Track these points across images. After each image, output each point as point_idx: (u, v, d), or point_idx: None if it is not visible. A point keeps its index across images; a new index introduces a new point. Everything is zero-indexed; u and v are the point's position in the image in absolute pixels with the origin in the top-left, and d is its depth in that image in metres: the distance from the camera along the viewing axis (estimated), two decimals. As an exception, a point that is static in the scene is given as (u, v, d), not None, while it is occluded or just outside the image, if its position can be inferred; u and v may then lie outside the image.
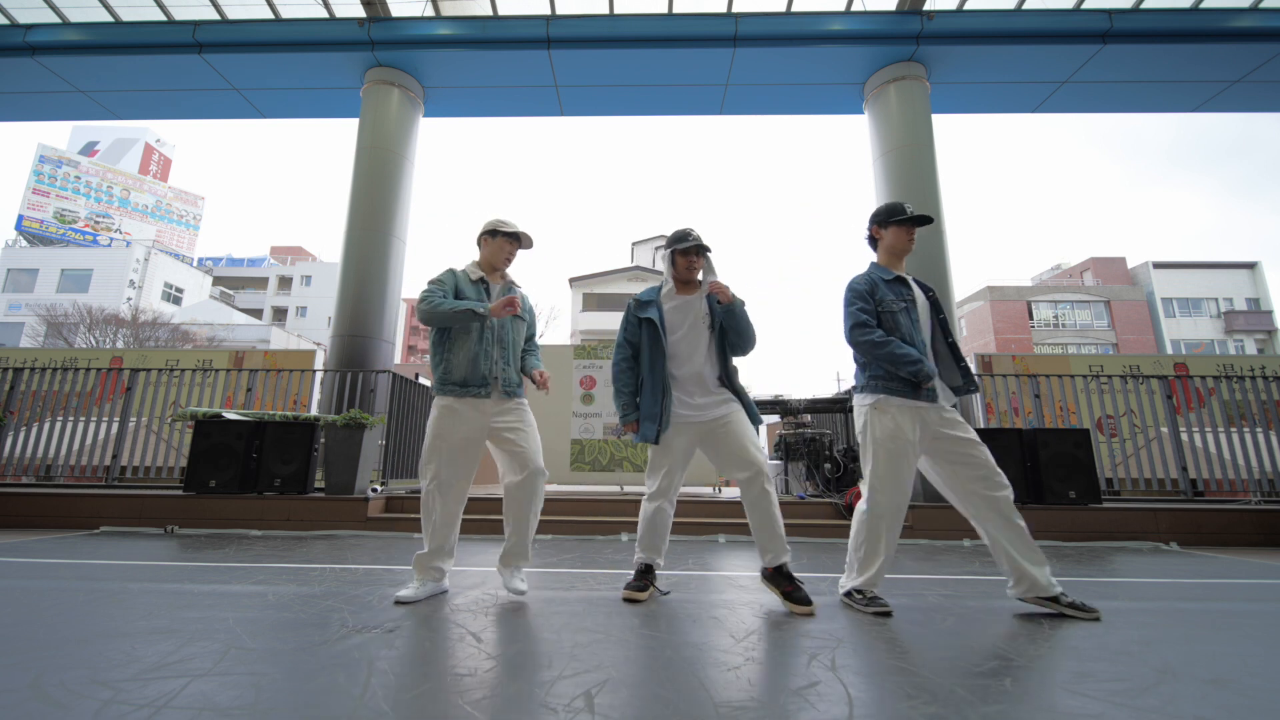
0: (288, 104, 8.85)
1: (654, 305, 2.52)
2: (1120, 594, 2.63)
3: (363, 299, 7.27)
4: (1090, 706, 1.32)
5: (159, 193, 40.78)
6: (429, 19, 7.75)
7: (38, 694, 1.30)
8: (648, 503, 2.47)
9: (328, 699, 1.30)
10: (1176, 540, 4.35)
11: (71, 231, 36.06)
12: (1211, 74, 7.86)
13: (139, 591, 2.38)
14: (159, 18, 7.81)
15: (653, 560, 2.47)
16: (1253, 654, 1.73)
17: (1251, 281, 31.57)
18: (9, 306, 31.50)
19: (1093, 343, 30.56)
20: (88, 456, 5.43)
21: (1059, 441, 4.60)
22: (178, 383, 6.02)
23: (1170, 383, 5.41)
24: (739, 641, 1.81)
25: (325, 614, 2.05)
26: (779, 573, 2.28)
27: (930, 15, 7.34)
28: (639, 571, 2.46)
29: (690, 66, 7.92)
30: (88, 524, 4.57)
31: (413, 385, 5.91)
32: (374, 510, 4.73)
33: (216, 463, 4.72)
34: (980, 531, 2.26)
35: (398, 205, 7.74)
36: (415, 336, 45.92)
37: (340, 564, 3.12)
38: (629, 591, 2.37)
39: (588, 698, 1.33)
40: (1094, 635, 1.91)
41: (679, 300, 2.53)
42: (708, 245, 2.50)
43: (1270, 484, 5.00)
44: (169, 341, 26.52)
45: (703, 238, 2.50)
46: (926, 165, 7.43)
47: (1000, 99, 8.48)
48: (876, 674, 1.53)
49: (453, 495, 2.41)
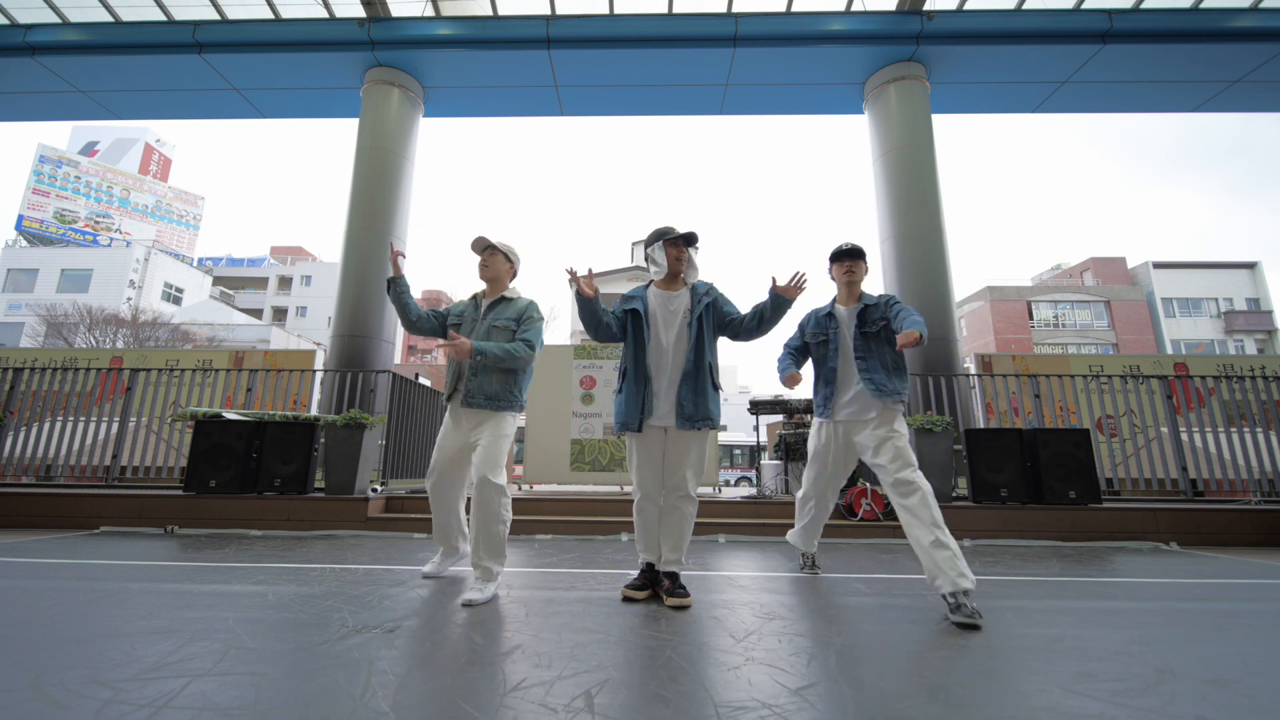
0: (288, 104, 8.86)
1: (639, 299, 2.57)
2: (1120, 594, 2.63)
3: (363, 299, 7.28)
4: (1090, 706, 1.32)
5: (159, 193, 40.77)
6: (429, 19, 7.76)
7: (38, 694, 1.30)
8: (635, 502, 2.54)
9: (328, 699, 1.30)
10: (1176, 540, 4.35)
11: (71, 231, 36.05)
12: (1211, 74, 7.86)
13: (139, 591, 2.38)
14: (159, 18, 7.82)
15: (649, 558, 2.50)
16: (1253, 654, 1.73)
17: (1251, 281, 31.55)
18: (9, 306, 31.49)
19: (1093, 343, 30.55)
20: (88, 456, 5.42)
21: (1059, 441, 4.60)
22: (178, 383, 6.02)
23: (1170, 383, 5.41)
24: (739, 641, 1.81)
25: (325, 614, 2.05)
26: (666, 575, 2.42)
27: (930, 15, 7.34)
28: (640, 570, 2.51)
29: (690, 66, 7.93)
30: (88, 524, 4.57)
31: (413, 385, 5.91)
32: (374, 510, 4.73)
33: (216, 463, 4.72)
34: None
35: (398, 205, 7.74)
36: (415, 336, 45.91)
37: (340, 564, 3.11)
38: (627, 590, 2.40)
39: (588, 698, 1.33)
40: (1094, 635, 1.91)
41: (663, 295, 2.56)
42: (695, 234, 2.54)
43: (1270, 484, 5.00)
44: (169, 341, 26.51)
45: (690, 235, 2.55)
46: (926, 165, 7.44)
47: (1000, 99, 8.49)
48: (876, 674, 1.53)
49: (439, 497, 2.68)
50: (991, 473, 4.59)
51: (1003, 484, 4.55)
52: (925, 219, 7.23)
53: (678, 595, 2.30)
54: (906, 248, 7.18)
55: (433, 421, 6.33)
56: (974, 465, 4.63)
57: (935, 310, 6.94)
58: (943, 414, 5.30)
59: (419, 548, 3.73)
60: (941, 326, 6.90)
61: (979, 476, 4.61)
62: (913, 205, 7.32)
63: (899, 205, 7.41)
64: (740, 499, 5.12)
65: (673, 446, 2.44)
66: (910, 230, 7.24)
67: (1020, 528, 4.41)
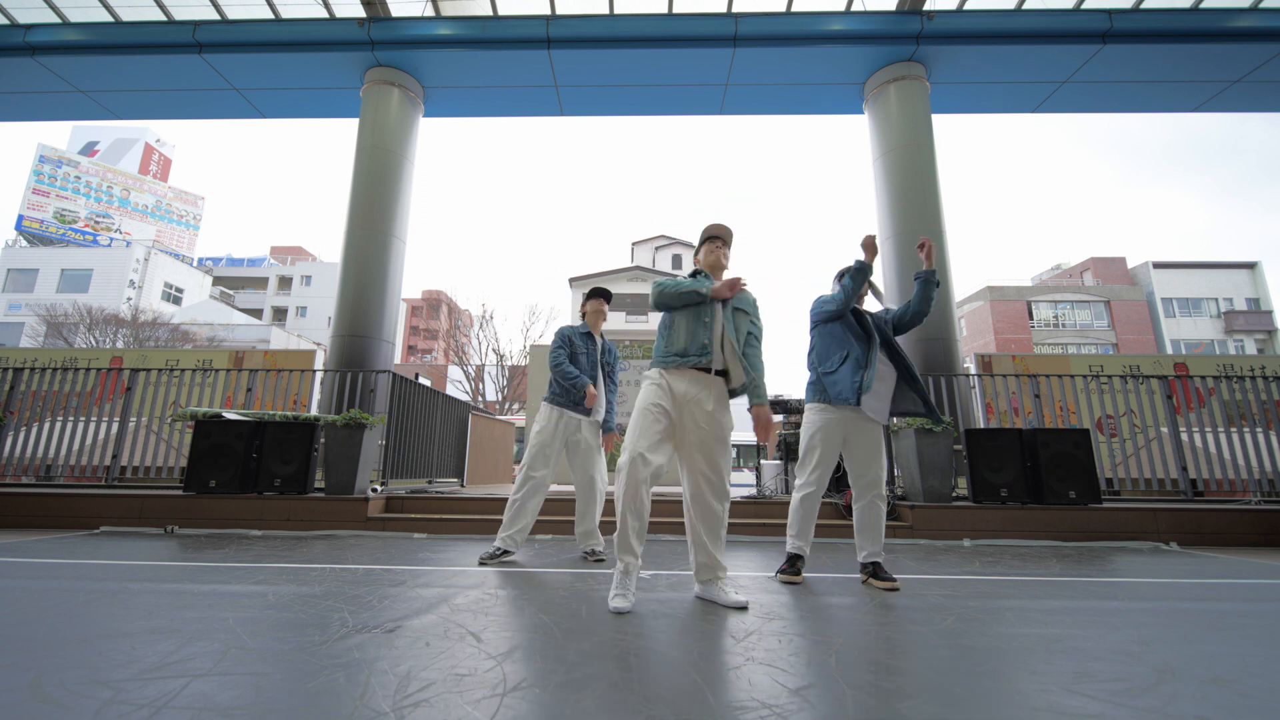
0: (288, 104, 8.85)
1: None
2: (1120, 594, 2.63)
3: (363, 299, 7.28)
4: (1090, 706, 1.32)
5: (159, 193, 40.77)
6: (429, 19, 7.75)
7: (38, 694, 1.30)
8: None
9: (328, 699, 1.30)
10: (1176, 540, 4.35)
11: (71, 231, 36.06)
12: (1211, 74, 7.86)
13: (139, 591, 2.37)
14: (159, 18, 7.81)
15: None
16: (1253, 654, 1.73)
17: (1251, 281, 31.56)
18: (9, 306, 31.50)
19: (1093, 343, 30.56)
20: (88, 456, 5.42)
21: (1059, 441, 4.60)
22: (178, 383, 6.02)
23: (1170, 383, 5.41)
24: (739, 641, 1.81)
25: (325, 614, 2.05)
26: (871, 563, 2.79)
27: (930, 15, 7.34)
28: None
29: (690, 66, 7.92)
30: (88, 524, 4.57)
31: (413, 385, 5.90)
32: (374, 510, 4.73)
33: (216, 463, 4.72)
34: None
35: (398, 205, 7.74)
36: (415, 337, 45.91)
37: (340, 564, 3.11)
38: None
39: (588, 698, 1.33)
40: (1094, 635, 1.91)
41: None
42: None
43: (1270, 484, 5.00)
44: (169, 341, 26.52)
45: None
46: (926, 165, 7.43)
47: (1000, 99, 8.48)
48: (876, 674, 1.53)
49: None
50: (991, 473, 4.59)
51: (1003, 484, 4.55)
52: (925, 219, 7.23)
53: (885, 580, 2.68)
54: (906, 248, 7.18)
55: (432, 422, 6.32)
56: (974, 465, 4.63)
57: (935, 310, 6.93)
58: (943, 414, 5.30)
59: (419, 548, 3.73)
60: (941, 326, 6.90)
61: (979, 476, 4.61)
62: (913, 205, 7.32)
63: (899, 205, 7.41)
64: (740, 498, 5.12)
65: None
66: (910, 230, 7.23)
67: (1020, 528, 4.41)
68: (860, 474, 2.80)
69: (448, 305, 45.50)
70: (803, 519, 2.84)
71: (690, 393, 2.36)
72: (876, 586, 2.66)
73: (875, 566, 2.73)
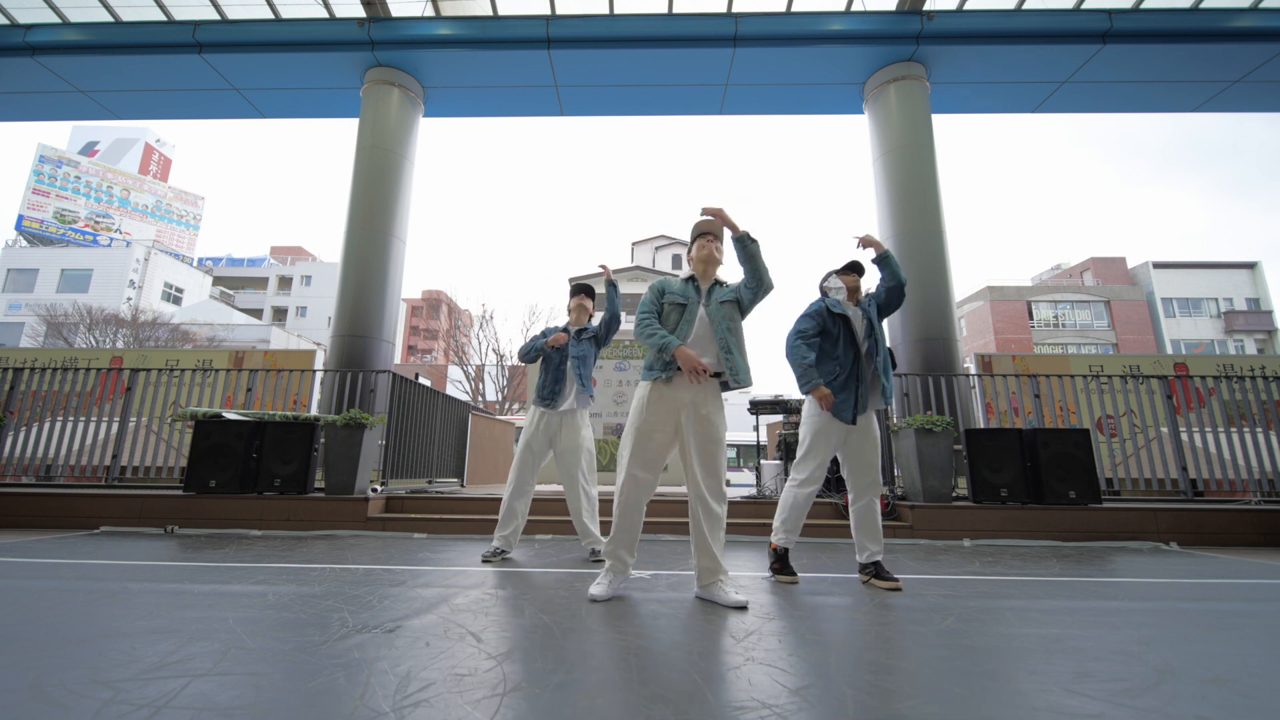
0: (288, 104, 8.85)
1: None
2: (1120, 594, 2.63)
3: (363, 299, 7.27)
4: (1090, 706, 1.32)
5: (159, 193, 40.77)
6: (429, 19, 7.75)
7: (38, 694, 1.30)
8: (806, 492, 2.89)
9: (328, 699, 1.30)
10: (1176, 540, 4.35)
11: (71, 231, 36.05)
12: (1211, 74, 7.86)
13: (139, 591, 2.37)
14: (159, 18, 7.81)
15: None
16: (1253, 654, 1.73)
17: (1251, 281, 31.55)
18: (9, 306, 31.49)
19: (1093, 343, 30.55)
20: (88, 456, 5.42)
21: (1059, 441, 4.60)
22: (178, 383, 6.02)
23: (1170, 383, 5.41)
24: (739, 641, 1.81)
25: (325, 614, 2.05)
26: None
27: (930, 15, 7.34)
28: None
29: (690, 66, 7.92)
30: (88, 524, 4.57)
31: (413, 385, 5.90)
32: (374, 510, 4.73)
33: (216, 463, 4.72)
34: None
35: (398, 205, 7.74)
36: (415, 337, 45.91)
37: (340, 564, 3.11)
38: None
39: (588, 698, 1.33)
40: (1094, 635, 1.91)
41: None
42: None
43: (1270, 484, 5.00)
44: (169, 341, 26.51)
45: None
46: (926, 165, 7.43)
47: (1000, 99, 8.48)
48: (876, 674, 1.53)
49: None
50: (991, 473, 4.59)
51: (1003, 484, 4.55)
52: (925, 219, 7.23)
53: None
54: (906, 248, 7.18)
55: (432, 422, 6.32)
56: (974, 465, 4.63)
57: (935, 310, 6.94)
58: (943, 414, 5.30)
59: (419, 548, 3.73)
60: (941, 326, 6.90)
61: (979, 476, 4.61)
62: (913, 205, 7.32)
63: (899, 205, 7.41)
64: (740, 498, 5.12)
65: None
66: (910, 230, 7.24)
67: (1020, 528, 4.41)
68: (859, 474, 2.80)
69: (448, 305, 45.49)
70: (796, 512, 2.86)
71: (683, 399, 2.42)
72: (879, 586, 2.66)
73: (877, 566, 2.74)
